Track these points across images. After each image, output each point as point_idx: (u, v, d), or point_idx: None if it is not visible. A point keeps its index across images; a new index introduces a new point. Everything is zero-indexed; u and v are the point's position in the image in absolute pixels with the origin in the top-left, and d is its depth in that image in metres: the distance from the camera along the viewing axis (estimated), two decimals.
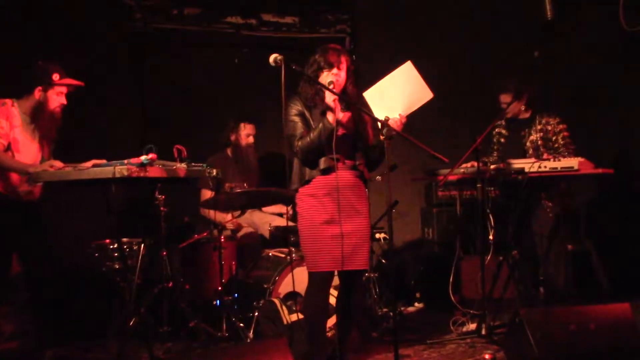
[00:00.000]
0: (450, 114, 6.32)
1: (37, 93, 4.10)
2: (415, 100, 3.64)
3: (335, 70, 3.64)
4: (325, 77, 3.62)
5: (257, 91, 5.97)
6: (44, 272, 4.15)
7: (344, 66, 3.66)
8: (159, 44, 6.01)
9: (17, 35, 5.32)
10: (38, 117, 4.13)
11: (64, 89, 4.14)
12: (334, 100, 3.54)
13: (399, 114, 3.60)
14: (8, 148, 4.01)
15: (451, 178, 4.71)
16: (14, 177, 4.03)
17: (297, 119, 3.66)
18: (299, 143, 3.61)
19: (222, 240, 4.72)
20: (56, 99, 4.13)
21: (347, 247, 3.61)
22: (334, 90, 3.57)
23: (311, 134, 3.59)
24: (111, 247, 4.67)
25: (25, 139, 4.10)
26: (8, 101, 4.09)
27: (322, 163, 3.62)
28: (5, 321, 4.37)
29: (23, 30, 5.35)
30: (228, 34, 6.18)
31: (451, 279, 5.15)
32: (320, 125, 3.56)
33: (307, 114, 3.68)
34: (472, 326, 4.85)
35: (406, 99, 3.62)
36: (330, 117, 3.54)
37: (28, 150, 4.11)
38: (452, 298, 5.15)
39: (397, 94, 3.61)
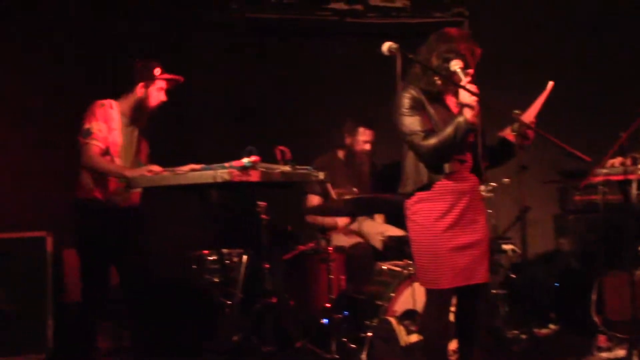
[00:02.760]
0: (586, 107, 6.19)
1: (140, 89, 4.33)
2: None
3: (468, 67, 3.53)
4: (455, 65, 3.48)
5: (364, 85, 6.04)
6: (142, 284, 4.34)
7: (475, 59, 3.58)
8: (255, 35, 6.19)
9: (113, 35, 5.66)
10: (138, 116, 4.35)
11: (164, 85, 4.37)
12: (473, 95, 3.43)
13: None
14: (106, 152, 4.22)
15: (594, 180, 4.60)
16: (112, 183, 4.24)
17: (414, 113, 3.54)
18: (427, 142, 3.48)
19: (331, 251, 4.76)
20: (156, 95, 4.35)
21: (470, 259, 3.57)
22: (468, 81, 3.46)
23: (444, 132, 3.47)
24: (210, 258, 4.84)
25: (123, 142, 4.30)
26: (107, 102, 4.30)
27: (449, 167, 3.54)
28: (103, 337, 4.60)
29: (118, 29, 5.69)
30: (331, 22, 6.28)
31: (593, 297, 5.03)
32: (456, 122, 3.45)
33: (428, 107, 3.56)
34: (620, 352, 4.72)
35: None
36: (468, 113, 3.44)
37: (126, 154, 4.31)
38: (595, 319, 5.04)
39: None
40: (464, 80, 3.44)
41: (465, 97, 3.44)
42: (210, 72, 5.99)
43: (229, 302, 4.64)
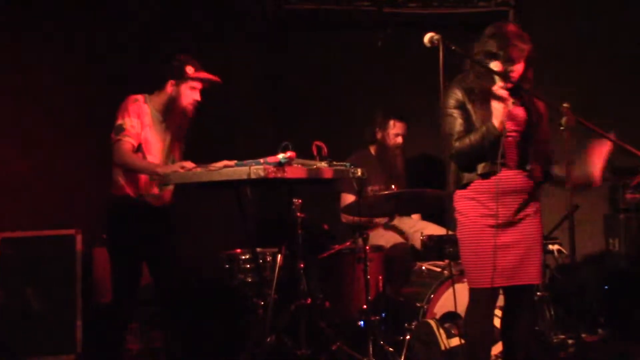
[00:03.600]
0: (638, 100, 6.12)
1: (170, 87, 4.29)
2: None
3: (513, 67, 3.52)
4: (495, 67, 3.50)
5: (404, 79, 6.02)
6: (174, 284, 4.36)
7: (524, 58, 3.55)
8: (292, 27, 6.20)
9: (143, 25, 5.72)
10: (170, 114, 4.32)
11: (198, 84, 4.31)
12: (503, 101, 3.46)
13: None
14: (138, 149, 4.23)
15: None
16: (144, 180, 4.26)
17: (456, 113, 3.60)
18: (457, 144, 3.57)
19: (368, 250, 4.75)
20: (189, 94, 4.29)
21: (515, 259, 3.58)
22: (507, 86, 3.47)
23: (471, 137, 3.53)
24: (243, 257, 4.87)
25: (156, 139, 4.30)
26: (140, 97, 4.30)
27: (481, 168, 3.58)
28: (133, 338, 4.66)
29: (162, 22, 5.76)
30: (370, 13, 6.24)
31: None
32: (484, 128, 3.50)
33: (469, 106, 3.60)
34: None
35: None
36: (496, 120, 3.48)
37: (159, 151, 4.31)
38: None
39: None
40: (498, 84, 3.47)
41: (494, 102, 3.48)
42: (245, 65, 6.02)
43: (262, 303, 4.67)
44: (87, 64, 5.71)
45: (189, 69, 4.28)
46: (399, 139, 5.56)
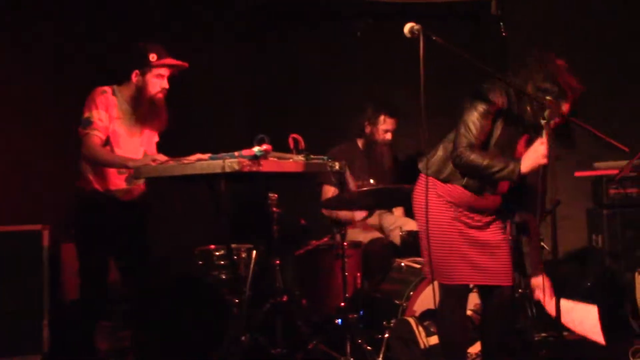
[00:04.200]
0: (625, 92, 6.14)
1: (135, 77, 4.25)
2: None
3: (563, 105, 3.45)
4: (547, 114, 3.34)
5: (385, 71, 6.01)
6: (144, 281, 4.35)
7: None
8: (269, 17, 6.18)
9: (120, 16, 5.66)
10: (138, 105, 4.29)
11: (164, 71, 4.27)
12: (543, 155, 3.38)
13: None
14: (107, 142, 4.20)
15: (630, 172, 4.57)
16: (112, 174, 4.23)
17: (487, 116, 3.49)
18: (468, 152, 3.47)
19: (346, 247, 4.75)
20: (156, 82, 4.26)
21: (483, 256, 3.63)
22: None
23: (490, 161, 3.45)
24: (217, 253, 4.85)
25: (125, 131, 4.28)
26: (108, 89, 4.27)
27: (471, 184, 3.59)
28: (100, 338, 4.62)
29: (137, 14, 5.70)
30: (349, 3, 6.23)
31: (630, 299, 5.00)
32: (511, 168, 3.43)
33: (500, 120, 3.52)
34: None
35: None
36: (525, 167, 3.42)
37: (129, 144, 4.29)
38: (632, 323, 5.01)
39: None
40: (544, 135, 3.37)
41: (535, 154, 3.41)
42: (221, 57, 5.99)
43: (237, 301, 4.65)
44: (56, 58, 5.62)
45: (152, 57, 4.23)
46: (388, 136, 5.54)
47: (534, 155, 3.42)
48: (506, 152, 3.55)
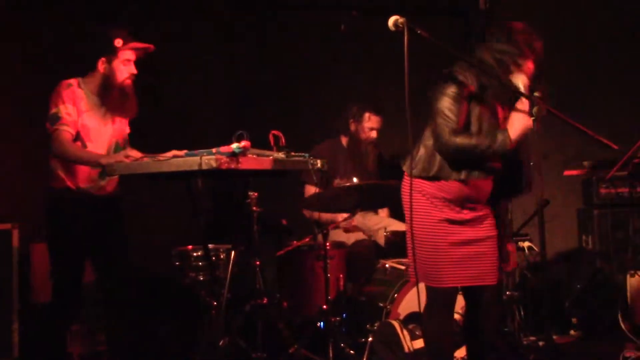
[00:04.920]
0: (615, 89, 6.16)
1: (101, 66, 4.19)
2: None
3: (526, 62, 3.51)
4: (518, 81, 3.46)
5: (373, 65, 6.00)
6: (120, 282, 4.29)
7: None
8: (248, 8, 6.16)
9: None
10: (107, 95, 4.23)
11: (131, 56, 4.21)
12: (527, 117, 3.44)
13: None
14: (77, 137, 4.14)
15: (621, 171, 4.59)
16: (84, 170, 4.18)
17: (460, 101, 3.50)
18: (454, 138, 3.46)
19: (329, 247, 4.74)
20: (123, 69, 4.20)
21: (475, 257, 3.60)
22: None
23: (479, 140, 3.47)
24: (195, 254, 4.83)
25: (95, 124, 4.22)
26: (74, 82, 4.21)
27: (465, 174, 3.55)
28: (74, 341, 4.59)
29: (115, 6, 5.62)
30: None
31: (620, 301, 5.01)
32: (499, 137, 3.46)
33: (474, 101, 3.53)
34: None
35: None
36: (514, 132, 3.46)
37: (100, 137, 4.23)
38: (623, 326, 5.02)
39: None
40: (524, 101, 3.45)
41: (519, 117, 3.46)
42: (200, 51, 5.96)
43: (215, 303, 4.65)
44: (26, 55, 5.56)
45: (118, 42, 4.17)
46: (373, 134, 5.53)
47: (519, 119, 3.46)
48: (490, 129, 3.54)
